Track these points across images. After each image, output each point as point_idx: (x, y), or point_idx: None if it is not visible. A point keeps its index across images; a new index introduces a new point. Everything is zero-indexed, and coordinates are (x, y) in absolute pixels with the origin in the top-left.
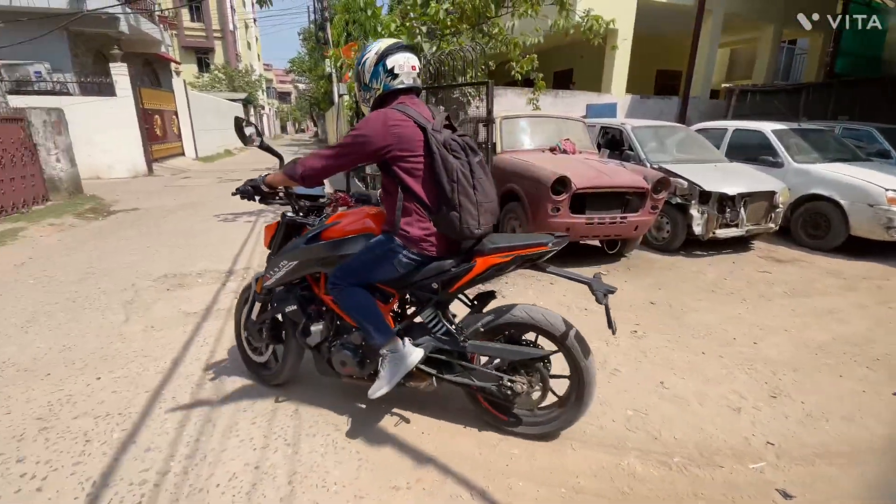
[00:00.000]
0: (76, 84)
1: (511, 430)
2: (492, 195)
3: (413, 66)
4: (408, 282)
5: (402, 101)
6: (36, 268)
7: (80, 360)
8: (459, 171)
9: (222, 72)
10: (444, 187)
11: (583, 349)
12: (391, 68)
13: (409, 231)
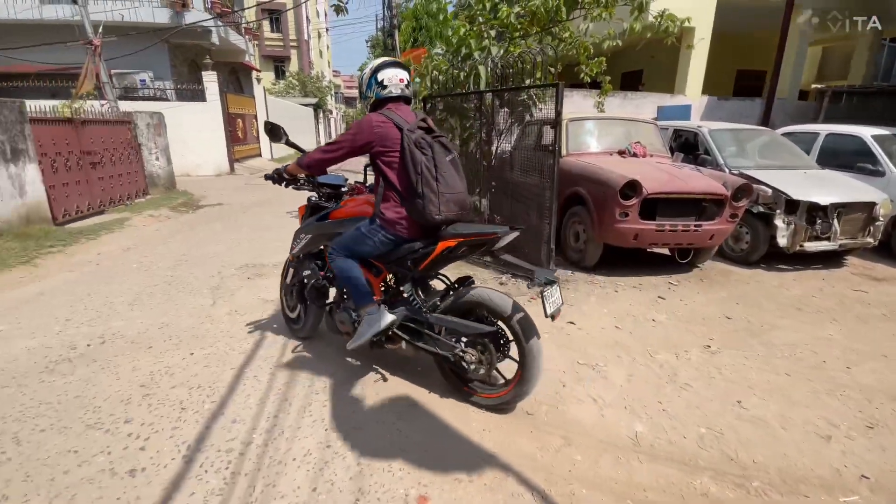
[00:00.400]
0: (173, 91)
1: (468, 399)
2: (457, 188)
3: (401, 80)
4: (389, 258)
5: (390, 108)
6: (138, 253)
7: (175, 337)
8: (424, 165)
9: (296, 78)
10: (412, 178)
11: (527, 331)
12: (381, 80)
13: (386, 214)
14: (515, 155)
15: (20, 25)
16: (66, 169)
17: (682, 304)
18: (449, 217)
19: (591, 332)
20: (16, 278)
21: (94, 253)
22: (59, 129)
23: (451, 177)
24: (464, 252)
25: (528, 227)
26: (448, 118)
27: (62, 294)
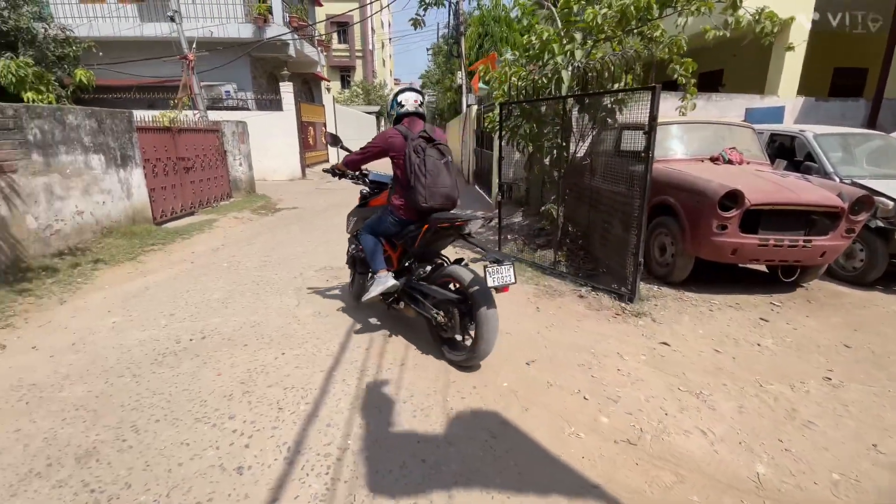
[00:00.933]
0: (254, 101)
1: (443, 356)
2: (444, 183)
3: (416, 101)
4: (398, 237)
5: (405, 122)
6: (227, 253)
7: (267, 336)
8: (416, 165)
9: (360, 87)
10: (407, 174)
11: (480, 300)
12: (400, 101)
13: (393, 201)
14: (595, 161)
15: (123, 42)
16: (164, 173)
17: (789, 328)
18: (434, 206)
19: (687, 354)
20: (124, 273)
21: (188, 251)
22: (159, 137)
23: (439, 175)
24: (447, 234)
25: (609, 238)
26: (524, 124)
27: (165, 289)
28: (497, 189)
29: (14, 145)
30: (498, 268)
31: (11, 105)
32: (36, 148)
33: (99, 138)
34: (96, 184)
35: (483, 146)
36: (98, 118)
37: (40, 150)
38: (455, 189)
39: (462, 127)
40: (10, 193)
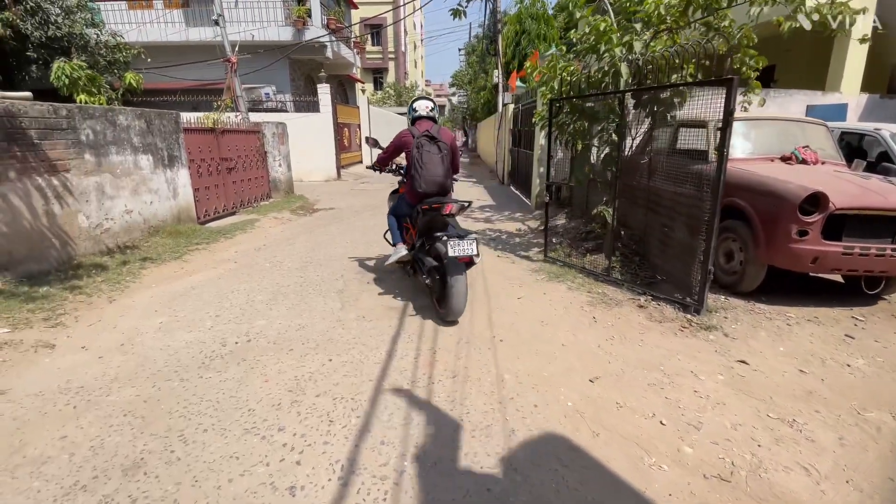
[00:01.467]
0: (292, 103)
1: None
2: (437, 174)
3: (427, 107)
4: (410, 216)
5: (417, 124)
6: (269, 253)
7: (312, 341)
8: (416, 158)
9: (392, 89)
10: (411, 165)
11: (450, 269)
12: (415, 108)
13: (406, 187)
14: (655, 160)
15: (169, 46)
16: (208, 173)
17: (879, 346)
18: (428, 192)
19: (770, 375)
20: (171, 272)
21: (232, 251)
22: (203, 138)
23: (434, 166)
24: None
25: (670, 244)
26: (574, 121)
27: (210, 289)
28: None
29: (67, 145)
30: (458, 241)
31: (66, 105)
32: (88, 148)
33: (147, 139)
34: (145, 183)
35: (520, 145)
36: (147, 119)
37: (92, 149)
38: (447, 179)
39: (497, 126)
40: (63, 192)
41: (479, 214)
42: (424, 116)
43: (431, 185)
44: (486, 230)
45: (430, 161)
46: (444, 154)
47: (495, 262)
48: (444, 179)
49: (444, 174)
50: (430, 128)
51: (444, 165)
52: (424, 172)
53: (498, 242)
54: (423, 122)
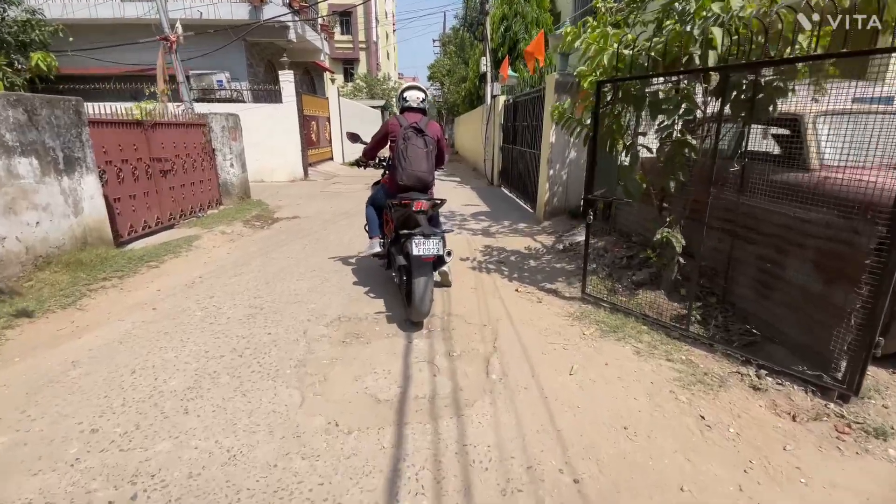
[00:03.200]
0: (249, 92)
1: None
2: (420, 168)
3: (418, 98)
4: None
5: (405, 114)
6: (204, 292)
7: (246, 493)
8: (401, 149)
9: (364, 80)
10: (395, 155)
11: (414, 268)
12: (405, 97)
13: (386, 178)
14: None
15: (101, 25)
16: (133, 178)
17: None
18: (408, 184)
19: None
20: (51, 332)
21: (153, 289)
22: (125, 133)
23: (417, 160)
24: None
25: (779, 286)
26: (623, 111)
27: (99, 367)
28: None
29: None
30: (424, 240)
31: None
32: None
33: (29, 135)
34: (25, 198)
35: (515, 142)
36: (28, 108)
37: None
38: (429, 175)
39: (484, 120)
40: None
41: (474, 224)
42: (414, 108)
43: (412, 179)
44: (489, 247)
45: (414, 154)
46: (430, 150)
47: (516, 301)
48: (427, 175)
49: (427, 169)
50: (418, 120)
51: (429, 161)
52: (407, 165)
53: (510, 267)
54: (411, 114)
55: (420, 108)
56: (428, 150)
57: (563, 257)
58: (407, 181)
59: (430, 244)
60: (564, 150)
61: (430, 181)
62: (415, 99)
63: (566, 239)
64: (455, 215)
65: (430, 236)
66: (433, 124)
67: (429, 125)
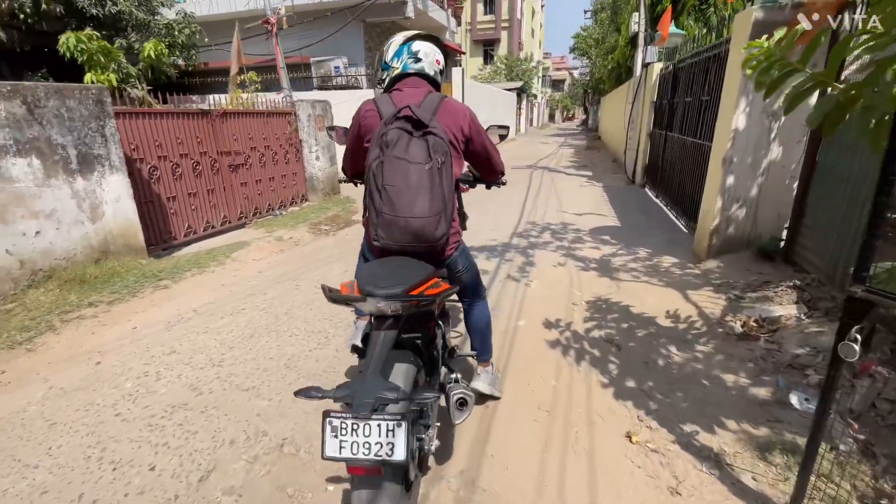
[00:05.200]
0: (366, 77)
1: None
2: (409, 207)
3: (437, 61)
4: None
5: (398, 87)
6: (174, 340)
7: None
8: (371, 168)
9: (503, 62)
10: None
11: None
12: (416, 52)
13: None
14: None
15: (219, 22)
16: (194, 174)
17: None
18: (391, 246)
19: None
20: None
21: (130, 326)
22: (186, 125)
23: (406, 191)
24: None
25: None
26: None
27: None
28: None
29: None
30: (348, 426)
31: None
32: None
33: (29, 131)
34: (21, 205)
35: (670, 128)
36: (28, 99)
37: None
38: (436, 217)
39: (630, 97)
40: None
41: (590, 248)
42: (415, 75)
43: (398, 233)
44: (602, 301)
45: (400, 179)
46: (436, 164)
47: (625, 470)
48: (429, 221)
49: (429, 210)
50: (418, 100)
51: (434, 189)
52: (384, 204)
53: (629, 362)
54: (409, 89)
55: (426, 76)
56: (432, 166)
57: (743, 352)
58: (387, 239)
59: (362, 437)
60: (760, 144)
61: (437, 234)
62: (432, 61)
63: (750, 309)
64: (566, 230)
65: (364, 417)
66: (450, 106)
67: (441, 109)
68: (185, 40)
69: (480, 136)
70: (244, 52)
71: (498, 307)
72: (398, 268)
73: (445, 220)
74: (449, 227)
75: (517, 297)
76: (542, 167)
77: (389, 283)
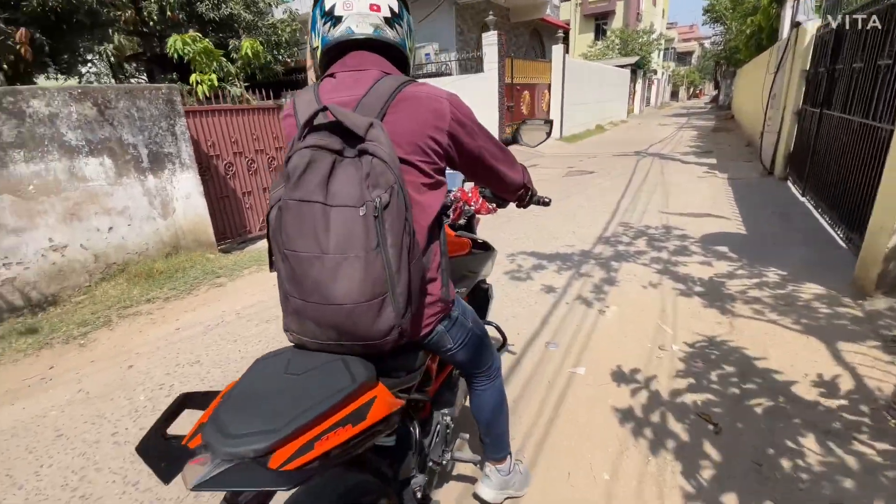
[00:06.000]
0: (457, 62)
1: None
2: (313, 293)
3: (373, 6)
4: None
5: (332, 72)
6: (197, 349)
7: None
8: (269, 219)
9: (618, 36)
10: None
11: None
12: (330, 8)
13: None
14: None
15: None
16: (270, 169)
17: None
18: (307, 344)
19: None
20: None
21: (174, 326)
22: (260, 121)
23: (313, 261)
24: None
25: None
26: None
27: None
28: None
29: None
30: None
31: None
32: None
33: (101, 132)
34: (94, 202)
35: (827, 105)
36: (99, 101)
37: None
38: (370, 308)
39: (772, 66)
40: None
41: (698, 264)
42: (348, 43)
43: (312, 327)
44: (706, 352)
45: (305, 238)
46: (373, 207)
47: None
48: (360, 305)
49: (356, 288)
50: (359, 89)
51: (366, 250)
52: (289, 281)
53: (744, 475)
54: (344, 72)
55: (376, 44)
56: (368, 213)
57: None
58: (299, 333)
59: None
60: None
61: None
62: (361, 11)
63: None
64: (668, 236)
65: None
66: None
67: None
68: (287, 38)
69: (473, 137)
70: None
71: (553, 340)
72: (297, 383)
73: (395, 303)
74: (405, 310)
75: (582, 330)
76: (652, 153)
77: (255, 424)
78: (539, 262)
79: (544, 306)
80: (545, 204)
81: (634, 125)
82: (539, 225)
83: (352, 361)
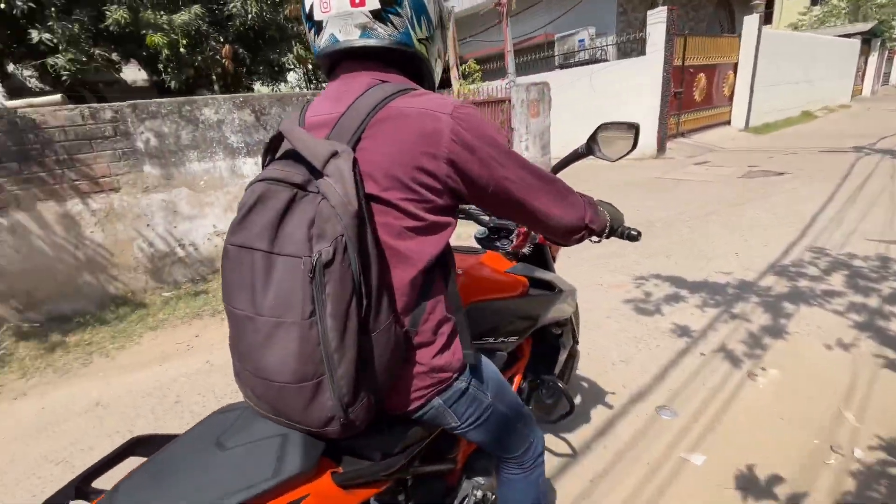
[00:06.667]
0: (615, 46)
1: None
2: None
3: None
4: None
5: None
6: None
7: None
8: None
9: None
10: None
11: None
12: (309, 12)
13: None
14: None
15: (467, 17)
16: None
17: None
18: (259, 404)
19: None
20: (165, 344)
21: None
22: None
23: (246, 323)
24: None
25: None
26: None
27: None
28: None
29: (116, 157)
30: None
31: (111, 105)
32: (149, 157)
33: (257, 135)
34: None
35: None
36: (256, 108)
37: (156, 159)
38: (302, 392)
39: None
40: (109, 216)
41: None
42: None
43: (253, 398)
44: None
45: (239, 292)
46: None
47: None
48: (289, 387)
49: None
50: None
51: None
52: (230, 336)
53: None
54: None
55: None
56: (306, 269)
57: None
58: (253, 398)
59: None
60: None
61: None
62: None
63: None
64: (884, 273)
65: None
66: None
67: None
68: None
69: (487, 165)
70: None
71: (669, 406)
72: (217, 462)
73: (335, 389)
74: (353, 399)
75: (716, 398)
76: (880, 150)
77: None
78: (676, 292)
79: (669, 353)
80: (632, 238)
81: (860, 111)
82: (687, 238)
83: (292, 441)
